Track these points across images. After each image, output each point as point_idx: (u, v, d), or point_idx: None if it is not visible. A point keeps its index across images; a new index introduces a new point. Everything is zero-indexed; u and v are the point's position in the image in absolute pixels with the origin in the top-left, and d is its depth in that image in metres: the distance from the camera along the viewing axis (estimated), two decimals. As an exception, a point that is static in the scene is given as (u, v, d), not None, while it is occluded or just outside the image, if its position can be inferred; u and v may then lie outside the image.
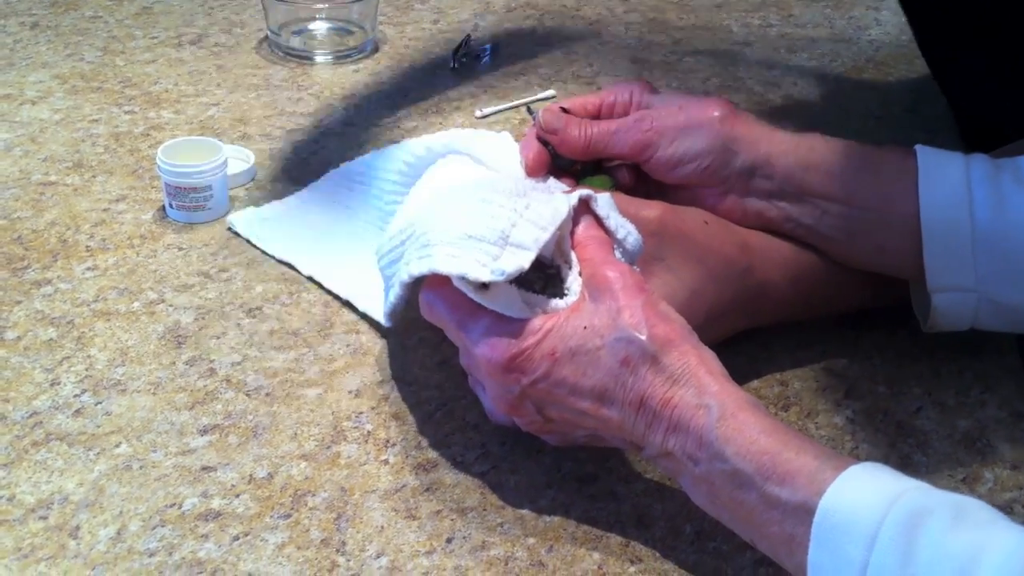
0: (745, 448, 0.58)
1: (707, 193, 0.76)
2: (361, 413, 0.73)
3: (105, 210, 0.92)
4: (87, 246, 0.87)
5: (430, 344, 0.79)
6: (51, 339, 0.78)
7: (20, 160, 0.98)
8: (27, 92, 1.08)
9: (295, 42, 1.17)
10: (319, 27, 1.20)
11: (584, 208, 0.68)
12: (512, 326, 0.64)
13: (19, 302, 0.81)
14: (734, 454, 0.58)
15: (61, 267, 0.85)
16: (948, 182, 0.71)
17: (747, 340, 0.79)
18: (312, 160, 0.99)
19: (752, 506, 0.58)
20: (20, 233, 0.89)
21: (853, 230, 0.73)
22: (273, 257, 0.86)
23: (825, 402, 0.75)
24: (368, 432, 0.72)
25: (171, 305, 0.82)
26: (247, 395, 0.74)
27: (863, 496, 0.54)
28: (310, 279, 0.84)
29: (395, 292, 0.69)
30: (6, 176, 0.96)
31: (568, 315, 0.64)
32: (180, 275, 0.85)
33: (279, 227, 0.88)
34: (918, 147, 0.73)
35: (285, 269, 0.85)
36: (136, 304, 0.82)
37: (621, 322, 0.63)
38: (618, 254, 0.67)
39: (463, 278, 0.64)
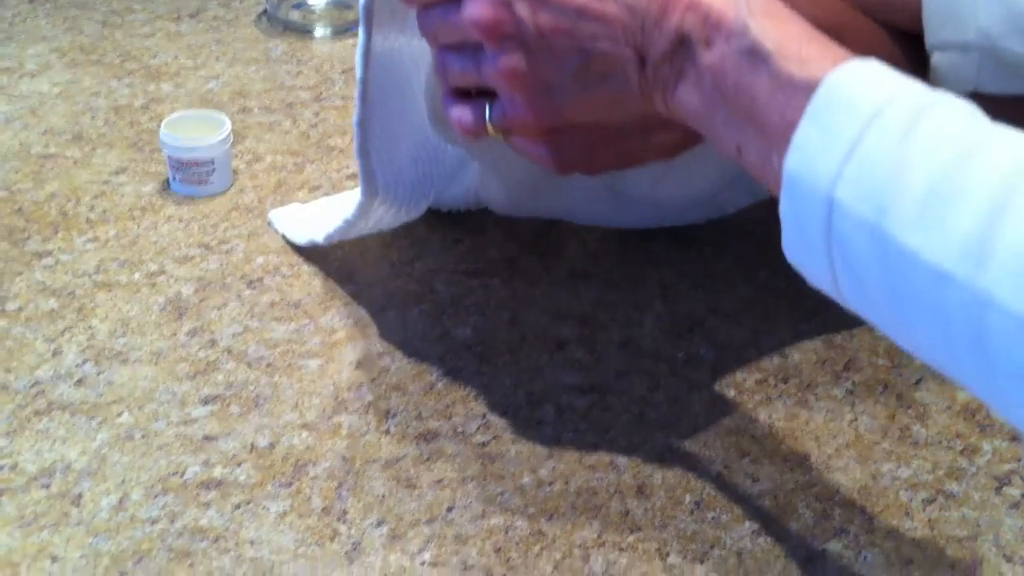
0: (773, 27, 0.54)
1: None
2: (362, 384, 0.73)
3: (105, 182, 0.92)
4: (88, 218, 0.87)
5: (430, 316, 0.79)
6: (52, 310, 0.78)
7: (20, 133, 0.98)
8: (27, 65, 1.08)
9: (294, 16, 1.17)
10: (318, 0, 1.20)
11: None
12: None
13: (20, 273, 0.82)
14: (759, 29, 0.54)
15: (62, 239, 0.85)
16: None
17: (747, 311, 0.80)
18: (311, 133, 0.99)
19: (758, 91, 0.53)
20: (20, 205, 0.89)
21: None
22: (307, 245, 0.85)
23: (825, 374, 0.76)
24: (369, 403, 0.72)
25: (172, 276, 0.82)
26: (248, 366, 0.74)
27: (877, 77, 0.50)
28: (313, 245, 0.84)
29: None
30: (6, 149, 0.95)
31: None
32: (181, 247, 0.85)
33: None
34: None
35: (285, 242, 0.85)
36: (137, 275, 0.82)
37: None
38: None
39: None
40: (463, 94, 0.66)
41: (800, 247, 0.53)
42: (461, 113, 0.66)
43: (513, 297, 0.82)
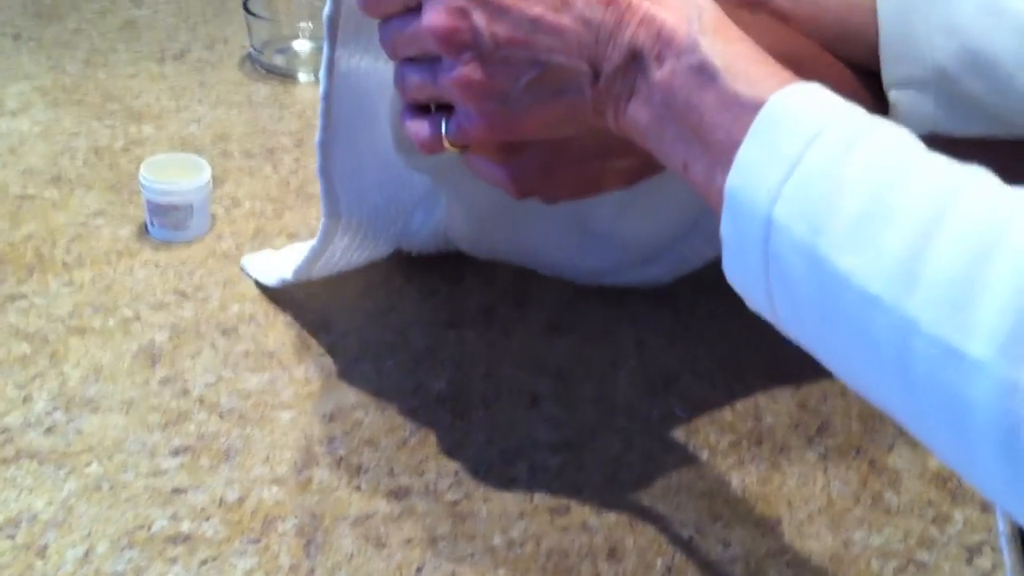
0: (722, 46, 0.55)
1: None
2: (334, 438, 0.73)
3: (83, 224, 0.91)
4: (63, 261, 0.87)
5: (405, 368, 0.79)
6: (24, 355, 0.78)
7: (-2, 172, 0.97)
8: (7, 103, 1.08)
9: (278, 60, 1.17)
10: (302, 46, 1.20)
11: None
12: None
13: (-7, 316, 0.81)
14: (709, 47, 0.55)
15: (37, 281, 0.84)
16: None
17: (721, 370, 0.80)
18: (291, 179, 0.99)
19: (705, 108, 0.54)
20: (-4, 246, 0.88)
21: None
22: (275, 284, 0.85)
23: (798, 437, 0.76)
24: (341, 457, 0.72)
25: (146, 323, 0.81)
26: (220, 416, 0.74)
27: (819, 100, 0.51)
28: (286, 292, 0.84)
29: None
30: (-17, 188, 0.95)
31: None
32: (156, 293, 0.84)
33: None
34: None
35: (261, 290, 0.85)
36: (111, 321, 0.81)
37: None
38: None
39: None
40: (422, 109, 0.67)
41: (739, 268, 0.54)
42: (418, 127, 0.67)
43: (489, 349, 0.81)
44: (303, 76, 1.16)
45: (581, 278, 0.87)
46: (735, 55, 0.55)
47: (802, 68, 0.73)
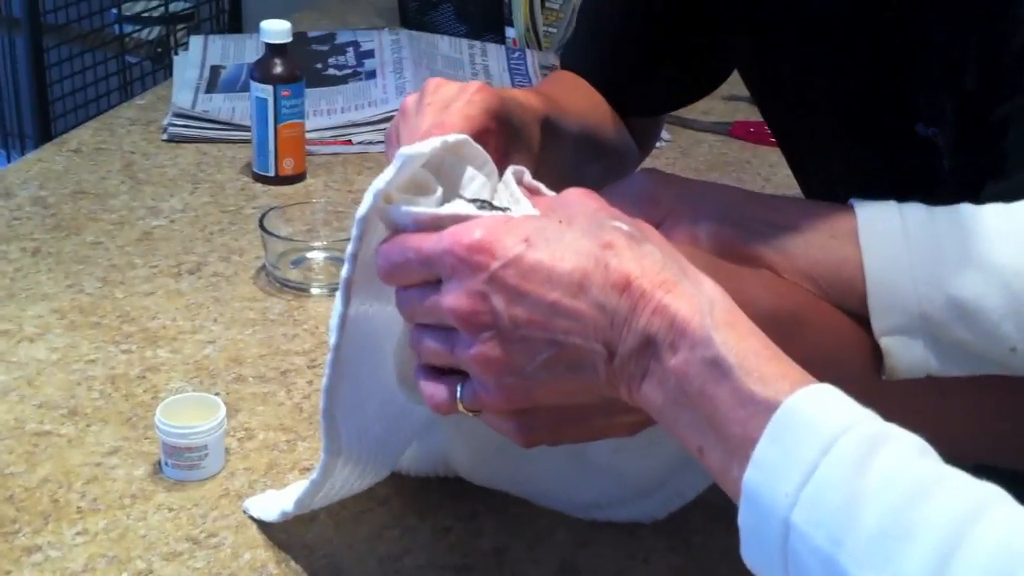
0: (735, 341, 0.57)
1: None
2: None
3: (98, 464, 0.92)
4: (78, 507, 0.87)
5: (418, 622, 0.79)
6: (37, 616, 0.78)
7: (16, 406, 0.99)
8: (26, 327, 1.10)
9: (292, 273, 1.19)
10: (316, 256, 1.22)
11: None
12: (479, 219, 0.63)
13: (9, 572, 0.81)
14: (722, 343, 0.57)
15: (52, 531, 0.85)
16: (887, 236, 0.71)
17: None
18: (304, 405, 1.00)
19: (720, 401, 0.56)
20: (13, 491, 0.89)
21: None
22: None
23: None
24: None
25: (159, 576, 0.81)
26: None
27: (833, 404, 0.54)
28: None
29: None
30: (1, 424, 0.96)
31: (539, 215, 0.64)
32: (169, 541, 0.84)
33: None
34: (854, 202, 0.73)
35: (273, 533, 0.85)
36: (124, 575, 0.81)
37: (600, 215, 0.62)
38: None
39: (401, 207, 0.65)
40: (436, 369, 0.68)
41: (758, 556, 0.55)
42: (434, 390, 0.68)
43: (502, 594, 0.81)
44: (316, 290, 1.18)
45: (577, 511, 0.87)
46: (747, 351, 0.57)
47: (805, 320, 0.75)
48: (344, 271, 0.70)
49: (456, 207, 0.66)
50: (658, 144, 1.44)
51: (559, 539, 0.86)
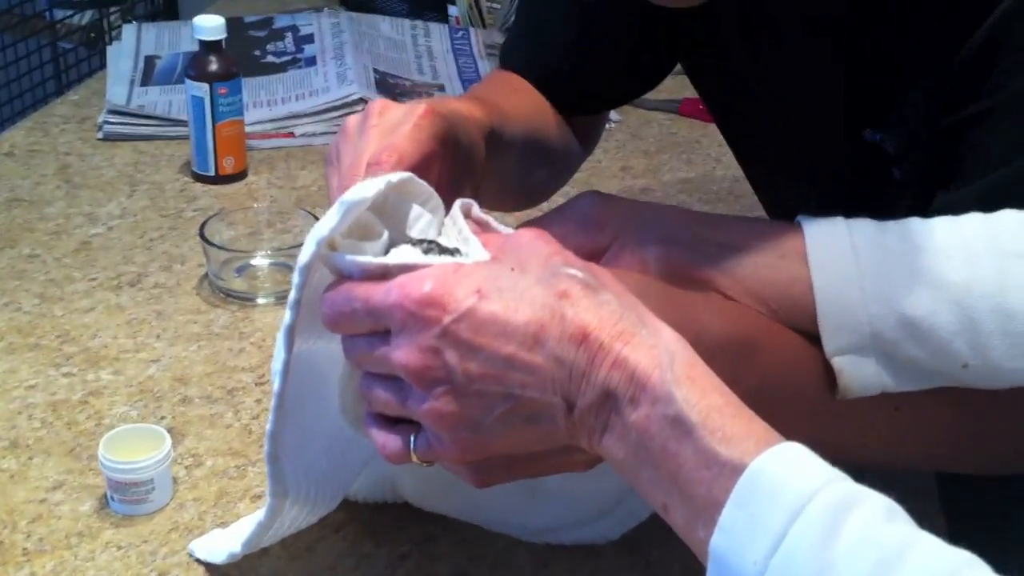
0: (697, 398, 0.55)
1: None
2: None
3: (42, 501, 0.89)
4: (24, 548, 0.85)
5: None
6: (-16, 671, 0.76)
7: (-46, 441, 0.96)
8: (-37, 353, 1.06)
9: (236, 284, 1.16)
10: (261, 263, 1.19)
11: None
12: (428, 269, 0.60)
13: (-49, 625, 0.79)
14: (683, 399, 0.55)
15: (-4, 576, 0.83)
16: (836, 255, 0.70)
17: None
18: (253, 426, 0.98)
19: (683, 460, 0.55)
20: (-47, 535, 0.86)
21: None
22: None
23: None
24: None
25: (109, 621, 0.79)
26: None
27: (799, 466, 0.52)
28: None
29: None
30: (-60, 461, 0.93)
31: (490, 261, 0.61)
32: (118, 582, 0.82)
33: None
34: (802, 220, 0.72)
35: (225, 569, 0.83)
36: (73, 622, 0.79)
37: (553, 261, 0.59)
38: None
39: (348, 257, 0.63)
40: (387, 418, 0.66)
41: None
42: (385, 439, 0.66)
43: (461, 622, 0.80)
44: (262, 299, 1.15)
45: (531, 536, 0.86)
46: (710, 408, 0.55)
47: (757, 344, 0.73)
48: (287, 318, 0.68)
49: (403, 255, 0.64)
50: (607, 125, 1.41)
51: (519, 561, 0.85)
